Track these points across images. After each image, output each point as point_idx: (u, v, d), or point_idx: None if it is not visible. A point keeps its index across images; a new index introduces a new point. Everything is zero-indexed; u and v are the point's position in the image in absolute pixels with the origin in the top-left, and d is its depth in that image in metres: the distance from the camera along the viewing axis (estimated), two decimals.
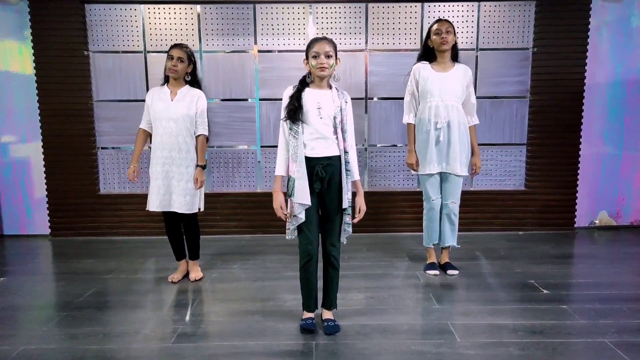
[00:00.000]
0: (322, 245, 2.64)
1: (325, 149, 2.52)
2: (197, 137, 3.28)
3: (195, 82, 3.34)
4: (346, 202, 2.56)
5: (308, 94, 2.54)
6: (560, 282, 3.38)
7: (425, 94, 3.39)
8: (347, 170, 2.54)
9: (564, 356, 2.39)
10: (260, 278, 3.52)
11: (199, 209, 3.36)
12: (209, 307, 3.06)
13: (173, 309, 3.02)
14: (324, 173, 2.51)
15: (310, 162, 2.52)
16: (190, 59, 3.26)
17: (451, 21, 3.56)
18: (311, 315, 2.70)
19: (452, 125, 3.34)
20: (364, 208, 2.61)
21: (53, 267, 3.94)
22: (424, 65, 3.42)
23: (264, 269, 3.70)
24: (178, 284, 3.42)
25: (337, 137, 2.53)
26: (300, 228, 2.56)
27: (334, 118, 2.53)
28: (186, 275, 3.54)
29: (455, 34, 3.36)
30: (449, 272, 3.54)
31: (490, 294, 3.21)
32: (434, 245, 3.62)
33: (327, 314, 2.74)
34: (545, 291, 3.22)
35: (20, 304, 3.15)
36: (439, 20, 3.35)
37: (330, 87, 2.60)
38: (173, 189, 3.23)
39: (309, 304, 2.69)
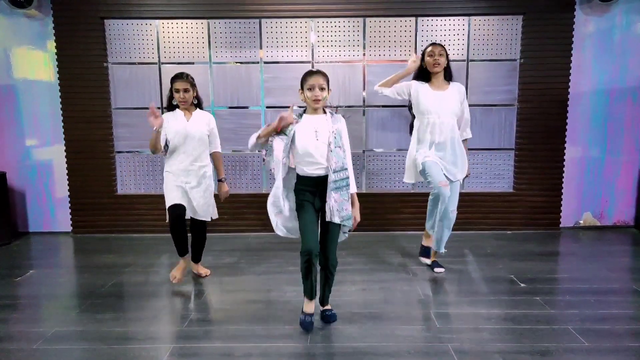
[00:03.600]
0: (321, 253, 2.83)
1: (323, 169, 2.76)
2: (214, 153, 3.62)
3: (198, 105, 3.60)
4: (328, 216, 2.75)
5: (305, 120, 2.82)
6: (538, 277, 3.69)
7: (423, 111, 3.62)
8: (346, 185, 2.77)
9: (529, 339, 2.71)
10: (264, 272, 3.86)
11: (212, 217, 3.65)
12: (218, 296, 3.41)
13: (186, 298, 3.38)
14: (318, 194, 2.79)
15: (312, 180, 2.79)
16: (193, 85, 3.50)
17: (443, 44, 3.83)
18: (310, 309, 2.87)
19: (447, 141, 3.60)
20: (358, 218, 2.88)
21: (76, 261, 4.32)
22: (422, 84, 3.68)
23: (268, 264, 4.04)
24: (187, 278, 3.76)
25: (328, 159, 2.75)
26: (301, 232, 2.80)
27: (329, 143, 2.74)
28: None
29: (447, 57, 3.63)
30: (436, 269, 3.81)
31: (472, 287, 3.53)
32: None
33: (324, 305, 2.99)
34: (522, 285, 3.53)
35: (49, 293, 3.54)
36: (432, 44, 3.64)
37: (324, 112, 2.86)
38: (192, 198, 3.49)
39: (310, 292, 2.87)
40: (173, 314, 3.13)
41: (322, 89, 2.77)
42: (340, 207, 2.75)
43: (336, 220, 2.74)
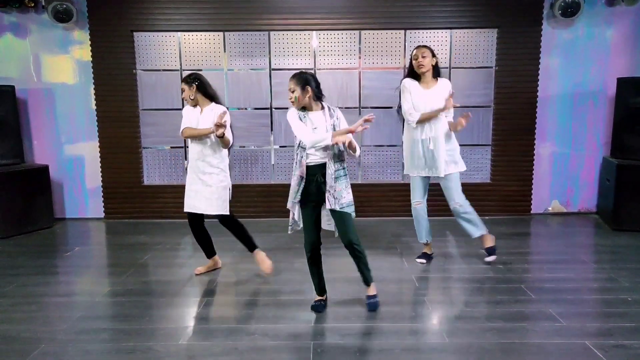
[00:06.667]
0: (342, 241, 3.08)
1: (321, 158, 2.98)
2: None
3: (210, 97, 3.68)
4: (328, 204, 2.96)
5: (309, 116, 3.03)
6: (505, 251, 4.38)
7: (415, 108, 3.83)
8: (344, 175, 3.02)
9: (488, 294, 3.43)
10: (274, 248, 4.54)
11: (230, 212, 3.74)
12: (237, 266, 4.12)
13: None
14: (322, 179, 2.98)
15: (309, 170, 2.99)
16: (190, 83, 3.62)
17: (429, 45, 4.01)
18: (321, 298, 3.24)
19: (438, 137, 3.82)
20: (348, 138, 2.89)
21: (112, 240, 5.02)
22: (413, 81, 3.88)
23: (277, 242, 4.74)
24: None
25: (331, 147, 2.94)
26: (304, 228, 3.10)
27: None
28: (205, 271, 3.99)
29: (433, 55, 3.91)
30: (487, 259, 4.06)
31: (448, 259, 4.25)
32: (424, 243, 4.15)
33: (369, 290, 3.22)
34: (490, 257, 4.24)
35: (97, 263, 4.27)
36: (417, 47, 3.88)
37: (322, 107, 3.06)
38: (202, 193, 3.64)
39: (318, 289, 3.23)
40: (202, 277, 3.84)
41: (292, 91, 2.98)
42: (339, 196, 2.97)
43: (337, 207, 2.97)
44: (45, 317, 3.14)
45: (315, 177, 3.00)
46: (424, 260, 4.13)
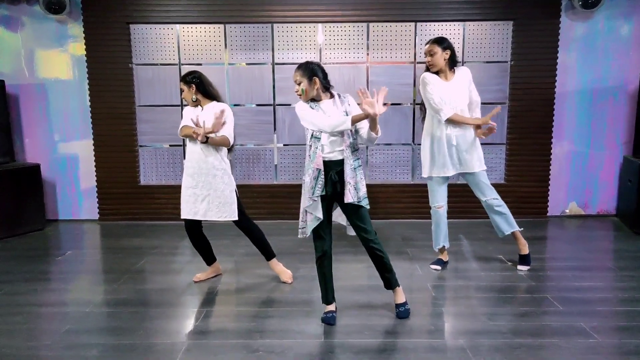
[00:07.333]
0: (360, 240, 2.95)
1: (337, 152, 2.80)
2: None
3: (211, 98, 3.44)
4: (349, 197, 2.76)
5: (320, 106, 2.83)
6: None
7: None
8: (359, 165, 2.83)
9: (512, 305, 3.16)
10: (278, 252, 4.26)
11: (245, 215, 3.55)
12: (240, 271, 3.86)
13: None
14: (336, 177, 2.81)
15: (325, 165, 2.79)
16: (189, 83, 3.38)
17: (441, 36, 3.72)
18: (331, 308, 2.97)
19: (466, 133, 3.66)
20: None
21: (107, 243, 4.76)
22: (433, 75, 3.60)
23: (280, 247, 4.44)
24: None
25: (344, 139, 2.78)
26: (314, 236, 2.90)
27: None
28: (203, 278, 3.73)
29: (444, 49, 3.58)
30: (518, 266, 3.81)
31: (464, 265, 3.98)
32: (439, 249, 3.90)
33: (398, 298, 3.01)
34: (509, 263, 3.97)
35: (90, 269, 4.01)
36: (426, 43, 3.64)
37: (331, 95, 2.88)
38: (203, 197, 3.39)
39: (326, 296, 2.97)
40: (201, 285, 3.57)
41: (298, 83, 2.80)
42: (358, 187, 2.80)
43: (355, 201, 2.77)
44: (30, 330, 2.88)
45: (330, 175, 2.82)
46: (438, 267, 3.87)
